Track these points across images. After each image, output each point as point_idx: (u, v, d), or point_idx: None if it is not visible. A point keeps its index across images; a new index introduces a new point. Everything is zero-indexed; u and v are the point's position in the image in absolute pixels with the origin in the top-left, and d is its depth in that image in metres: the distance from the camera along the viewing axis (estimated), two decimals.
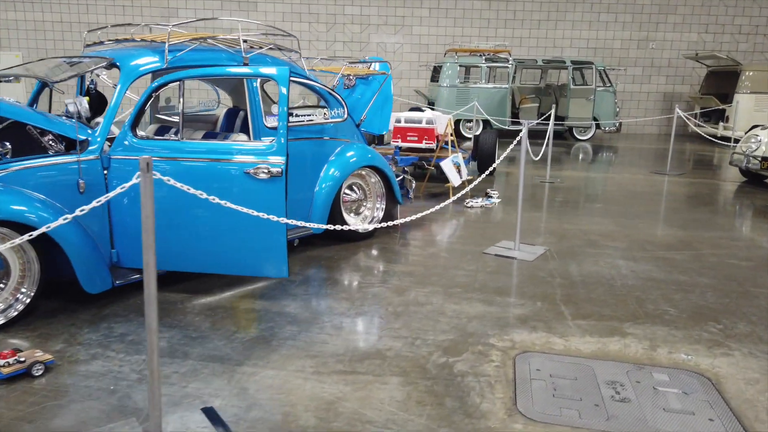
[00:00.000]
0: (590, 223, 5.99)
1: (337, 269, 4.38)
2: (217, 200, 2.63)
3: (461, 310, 3.65)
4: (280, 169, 3.43)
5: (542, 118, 15.05)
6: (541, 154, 8.48)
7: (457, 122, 14.36)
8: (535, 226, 5.78)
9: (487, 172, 5.43)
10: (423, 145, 8.17)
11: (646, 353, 3.15)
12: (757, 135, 8.42)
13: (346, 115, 4.92)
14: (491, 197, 7.16)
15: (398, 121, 8.33)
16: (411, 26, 16.77)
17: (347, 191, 5.11)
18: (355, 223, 5.14)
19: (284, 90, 3.44)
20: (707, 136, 11.86)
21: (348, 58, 5.80)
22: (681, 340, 3.32)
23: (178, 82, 3.53)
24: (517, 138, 5.07)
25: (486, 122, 14.35)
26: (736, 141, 12.10)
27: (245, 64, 4.10)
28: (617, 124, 14.64)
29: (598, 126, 14.59)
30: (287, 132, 3.47)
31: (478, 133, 14.74)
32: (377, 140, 9.61)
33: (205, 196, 2.55)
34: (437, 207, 4.32)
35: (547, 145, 8.74)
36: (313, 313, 3.53)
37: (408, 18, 16.71)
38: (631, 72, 17.05)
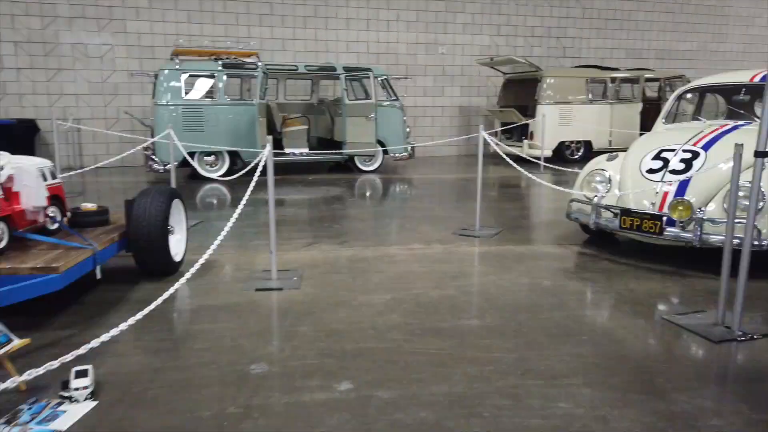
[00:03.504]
0: None
1: None
2: None
3: None
4: None
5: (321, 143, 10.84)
6: (239, 211, 4.35)
7: (191, 155, 9.37)
8: None
9: None
10: None
11: None
12: (604, 171, 5.21)
13: None
14: (73, 396, 2.67)
15: None
16: (124, 21, 11.81)
17: None
18: None
19: None
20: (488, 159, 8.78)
21: None
22: None
23: None
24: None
25: (234, 156, 10.00)
26: (546, 160, 9.58)
27: None
28: (409, 149, 11.28)
29: (386, 152, 11.09)
30: None
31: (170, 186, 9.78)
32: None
33: None
34: None
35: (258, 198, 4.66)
36: None
37: (118, 9, 11.73)
38: (422, 82, 14.01)
